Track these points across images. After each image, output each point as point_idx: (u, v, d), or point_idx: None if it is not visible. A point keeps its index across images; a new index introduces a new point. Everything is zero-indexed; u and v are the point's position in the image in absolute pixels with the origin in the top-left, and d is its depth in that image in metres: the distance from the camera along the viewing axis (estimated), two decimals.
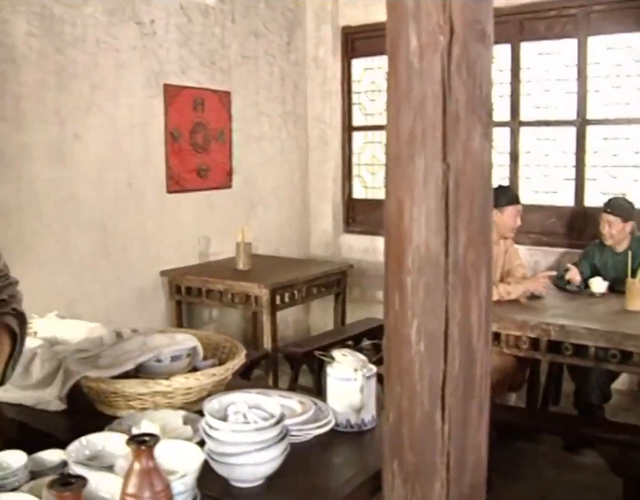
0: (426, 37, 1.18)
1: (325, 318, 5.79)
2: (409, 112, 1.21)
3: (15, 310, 1.71)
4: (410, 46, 1.21)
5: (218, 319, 5.27)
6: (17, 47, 3.99)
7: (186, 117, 4.94)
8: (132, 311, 4.51)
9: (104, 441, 1.54)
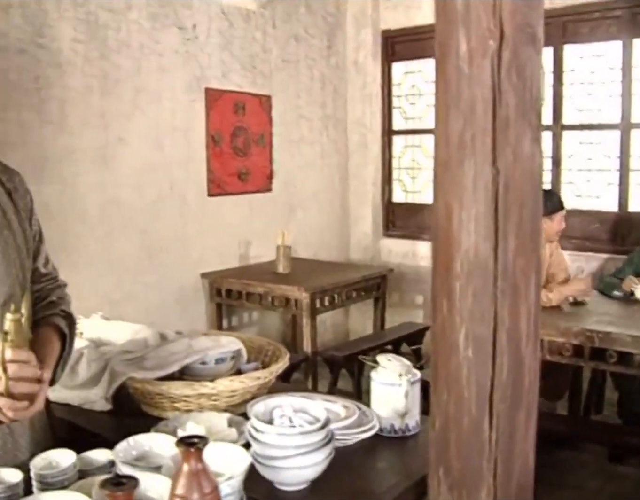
0: (476, 41, 1.18)
1: (364, 322, 5.78)
2: (458, 117, 1.20)
3: (64, 311, 1.74)
4: (459, 51, 1.20)
5: (257, 321, 5.30)
6: (63, 52, 4.06)
7: (227, 121, 4.97)
8: (172, 313, 4.55)
9: (151, 442, 1.55)
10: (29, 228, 1.66)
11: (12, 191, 1.64)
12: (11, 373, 1.38)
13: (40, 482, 1.40)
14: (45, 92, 3.99)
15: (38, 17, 3.93)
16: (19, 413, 1.43)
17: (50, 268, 1.78)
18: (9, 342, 1.38)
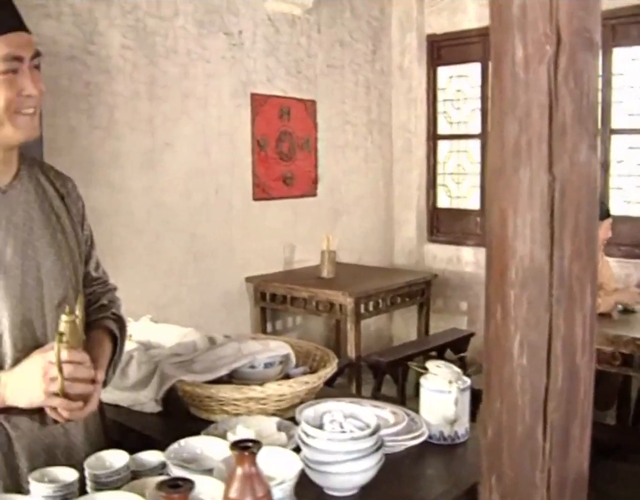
0: (532, 47, 1.16)
1: (408, 328, 5.76)
2: (513, 123, 1.19)
3: (115, 314, 1.77)
4: (515, 56, 1.19)
5: (301, 326, 5.32)
6: (112, 59, 4.13)
7: (272, 126, 5.00)
8: (217, 316, 4.59)
9: (202, 444, 1.57)
10: (80, 232, 1.69)
11: (65, 196, 1.67)
12: (66, 374, 1.40)
13: (94, 481, 1.42)
14: (94, 97, 4.06)
15: (88, 24, 4.00)
16: (73, 413, 1.45)
17: (101, 272, 1.81)
18: (64, 343, 1.40)
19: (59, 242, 1.60)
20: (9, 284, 1.49)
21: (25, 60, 1.43)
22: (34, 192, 1.59)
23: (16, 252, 1.52)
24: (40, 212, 1.59)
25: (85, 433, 1.66)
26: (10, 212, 1.53)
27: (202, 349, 2.13)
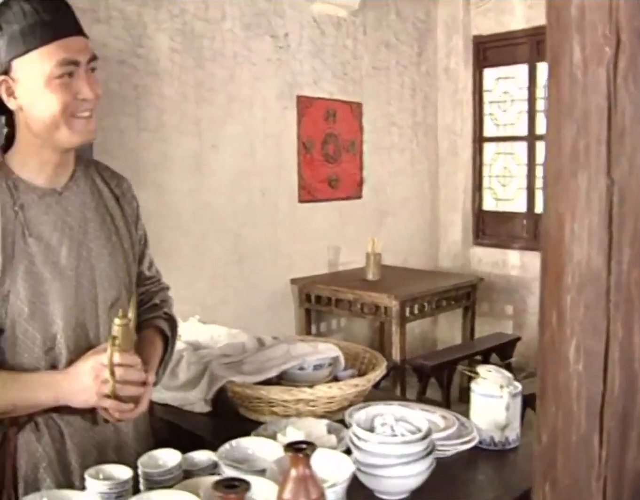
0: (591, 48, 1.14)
1: (452, 331, 5.71)
2: (571, 126, 1.17)
3: (167, 314, 1.79)
4: (573, 58, 1.17)
5: (345, 328, 5.31)
6: (160, 62, 4.18)
7: (318, 128, 5.01)
8: (262, 318, 4.61)
9: (253, 445, 1.57)
10: (135, 233, 1.71)
11: (120, 197, 1.69)
12: (118, 376, 1.43)
13: (147, 480, 1.44)
14: (142, 100, 4.11)
15: (137, 28, 4.06)
16: (124, 414, 1.48)
17: (154, 271, 1.83)
18: (116, 347, 1.42)
19: (113, 244, 1.62)
20: (63, 285, 1.51)
21: (81, 64, 1.45)
22: (89, 193, 1.62)
23: (71, 253, 1.54)
24: (95, 214, 1.61)
25: (135, 432, 1.68)
26: (66, 213, 1.56)
27: (251, 350, 2.14)
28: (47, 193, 1.55)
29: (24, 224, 1.49)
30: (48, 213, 1.53)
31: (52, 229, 1.53)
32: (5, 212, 1.48)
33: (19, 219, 1.49)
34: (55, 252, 1.52)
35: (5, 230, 1.47)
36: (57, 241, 1.53)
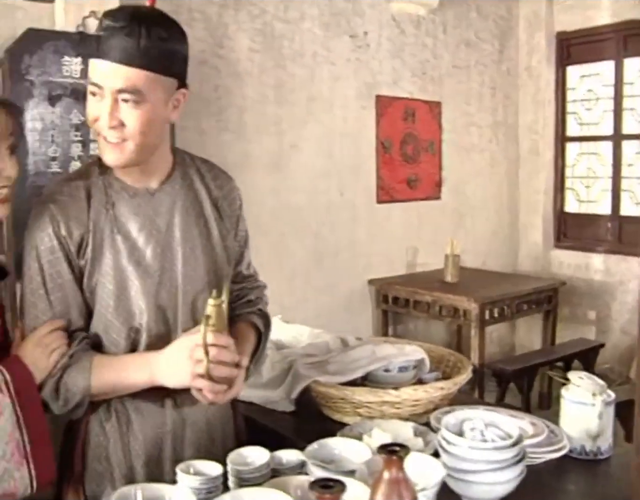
0: None
1: (531, 336, 5.58)
2: None
3: (261, 310, 1.80)
4: None
5: (422, 330, 5.24)
6: (241, 63, 4.22)
7: (397, 128, 4.97)
8: (339, 318, 4.59)
9: (340, 446, 1.56)
10: (233, 235, 1.72)
11: (219, 199, 1.69)
12: (211, 356, 1.43)
13: (236, 477, 1.43)
14: (224, 101, 4.15)
15: (218, 29, 4.11)
16: (217, 396, 1.48)
17: (252, 270, 1.86)
18: (210, 326, 1.43)
19: (202, 247, 1.63)
20: (146, 283, 1.55)
21: (104, 90, 1.44)
22: (184, 195, 1.63)
23: (156, 254, 1.57)
24: (186, 216, 1.62)
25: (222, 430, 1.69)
26: (155, 214, 1.58)
27: (335, 350, 2.13)
28: (139, 193, 1.58)
29: (113, 222, 1.54)
30: (137, 213, 1.57)
31: (140, 229, 1.56)
32: (98, 209, 1.54)
33: (109, 217, 1.55)
34: (141, 252, 1.56)
35: (96, 226, 1.53)
36: (143, 241, 1.56)
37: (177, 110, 1.54)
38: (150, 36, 1.42)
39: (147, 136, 1.48)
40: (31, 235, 1.54)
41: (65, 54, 3.19)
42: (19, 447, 1.36)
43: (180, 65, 1.52)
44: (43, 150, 3.18)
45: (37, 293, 1.53)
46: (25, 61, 3.10)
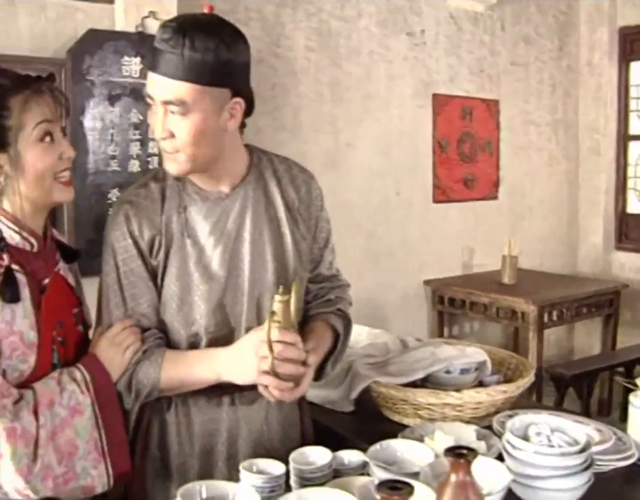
0: None
1: (590, 340, 5.45)
2: None
3: (341, 310, 1.76)
4: None
5: (478, 332, 5.17)
6: (297, 61, 4.22)
7: (454, 127, 4.91)
8: (394, 318, 4.56)
9: (402, 447, 1.54)
10: (309, 239, 1.69)
11: (295, 201, 1.66)
12: (276, 353, 1.42)
13: (298, 476, 1.42)
14: (280, 99, 4.16)
15: (275, 28, 4.12)
16: (283, 394, 1.46)
17: (334, 270, 1.83)
18: (275, 323, 1.42)
19: (273, 253, 1.61)
20: (211, 288, 1.55)
21: (155, 101, 1.46)
22: (257, 198, 1.61)
23: (224, 260, 1.56)
24: (257, 221, 1.60)
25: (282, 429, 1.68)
26: (226, 218, 1.58)
27: (395, 350, 2.10)
28: (211, 197, 1.59)
29: (184, 225, 1.56)
30: (207, 217, 1.57)
31: (209, 233, 1.57)
32: (170, 212, 1.57)
33: (180, 220, 1.56)
34: (208, 257, 1.56)
35: (168, 228, 1.55)
36: (211, 246, 1.56)
37: (234, 120, 1.51)
38: (195, 47, 1.40)
39: (199, 147, 1.48)
40: (108, 234, 1.58)
41: (124, 54, 3.23)
42: (97, 446, 1.38)
43: (233, 74, 1.47)
44: (103, 149, 3.23)
45: (112, 288, 1.57)
46: (86, 61, 3.15)
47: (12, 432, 1.25)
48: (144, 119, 3.28)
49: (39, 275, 1.43)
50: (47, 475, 1.28)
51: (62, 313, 1.48)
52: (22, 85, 1.37)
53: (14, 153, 1.36)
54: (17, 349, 1.32)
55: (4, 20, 3.08)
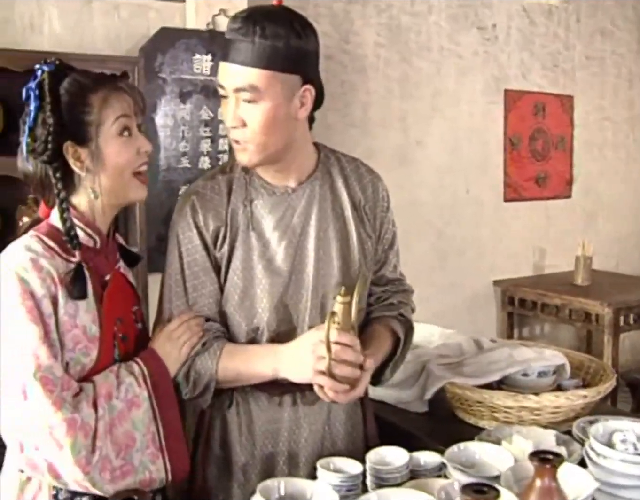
0: None
1: None
2: None
3: (403, 315, 1.73)
4: None
5: (549, 334, 5.04)
6: (367, 58, 4.19)
7: (526, 123, 4.80)
8: (463, 318, 4.46)
9: (480, 450, 1.50)
10: (374, 239, 1.67)
11: (362, 202, 1.64)
12: (333, 354, 1.40)
13: (374, 476, 1.40)
14: (349, 96, 4.13)
15: (344, 24, 4.09)
16: (338, 395, 1.44)
17: (398, 274, 1.79)
18: (335, 324, 1.40)
19: (338, 250, 1.59)
20: (274, 283, 1.54)
21: (227, 90, 1.47)
22: (323, 196, 1.60)
23: (287, 254, 1.56)
24: (323, 217, 1.59)
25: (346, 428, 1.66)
26: (291, 213, 1.58)
27: (468, 351, 2.06)
28: (277, 191, 1.58)
29: (249, 218, 1.56)
30: (273, 212, 1.57)
31: (274, 228, 1.56)
32: (236, 205, 1.57)
33: (246, 213, 1.56)
34: (272, 251, 1.56)
35: (233, 221, 1.56)
36: (276, 240, 1.56)
37: (304, 108, 1.51)
38: (265, 34, 1.41)
39: (270, 135, 1.48)
40: (174, 224, 1.60)
41: (196, 52, 3.26)
42: (155, 440, 1.38)
43: (303, 61, 1.47)
44: (174, 146, 3.27)
45: (174, 278, 1.58)
46: (158, 59, 3.19)
47: (72, 424, 1.26)
48: (214, 116, 3.31)
49: (101, 271, 1.45)
50: (104, 467, 1.29)
51: (122, 309, 1.49)
52: (101, 84, 1.41)
53: (94, 147, 1.39)
54: (80, 342, 1.34)
55: (79, 20, 3.15)
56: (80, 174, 1.40)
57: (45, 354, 1.27)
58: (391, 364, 1.68)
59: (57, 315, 1.31)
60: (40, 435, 1.26)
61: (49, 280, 1.31)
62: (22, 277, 1.29)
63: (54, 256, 1.34)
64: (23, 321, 1.28)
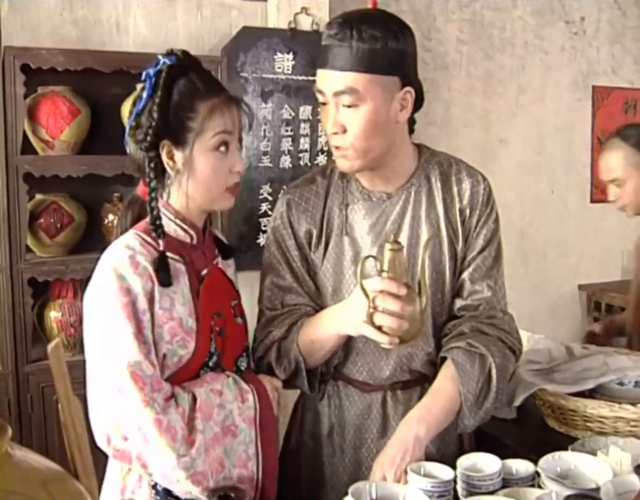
0: None
1: None
2: None
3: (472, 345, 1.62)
4: None
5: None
6: (449, 54, 4.13)
7: (616, 121, 4.58)
8: (545, 323, 4.32)
9: (576, 461, 1.43)
10: (462, 244, 1.61)
11: (456, 208, 1.60)
12: (372, 302, 1.35)
13: (466, 483, 1.36)
14: (431, 94, 4.02)
15: (426, 21, 4.04)
16: (385, 346, 1.39)
17: (486, 291, 1.77)
18: (384, 272, 1.36)
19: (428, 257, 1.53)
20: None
21: (326, 95, 1.46)
22: (418, 202, 1.58)
23: None
24: (415, 225, 1.58)
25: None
26: (385, 219, 1.58)
27: (559, 357, 1.97)
28: (373, 197, 1.59)
29: (344, 222, 1.58)
30: (366, 217, 1.58)
31: (367, 233, 1.57)
32: (332, 208, 1.60)
33: (341, 217, 1.59)
34: None
35: (327, 224, 1.59)
36: (368, 246, 1.56)
37: (405, 111, 1.50)
38: (362, 37, 1.41)
39: (370, 140, 1.46)
40: (272, 221, 1.66)
41: (277, 51, 3.25)
42: (252, 480, 1.40)
43: (401, 63, 1.46)
44: (255, 144, 3.27)
45: (266, 262, 1.64)
46: (240, 58, 3.20)
47: (159, 424, 1.28)
48: (295, 115, 3.30)
49: (198, 265, 1.46)
50: (195, 478, 1.31)
51: (221, 304, 1.49)
52: (213, 93, 1.42)
53: (189, 154, 1.40)
54: (177, 334, 1.36)
55: (163, 20, 3.19)
56: (171, 174, 1.42)
57: (136, 350, 1.29)
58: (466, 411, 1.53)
59: (153, 311, 1.33)
60: (130, 428, 1.28)
61: (145, 277, 1.33)
62: (120, 273, 1.32)
63: (151, 252, 1.36)
64: (118, 316, 1.30)
